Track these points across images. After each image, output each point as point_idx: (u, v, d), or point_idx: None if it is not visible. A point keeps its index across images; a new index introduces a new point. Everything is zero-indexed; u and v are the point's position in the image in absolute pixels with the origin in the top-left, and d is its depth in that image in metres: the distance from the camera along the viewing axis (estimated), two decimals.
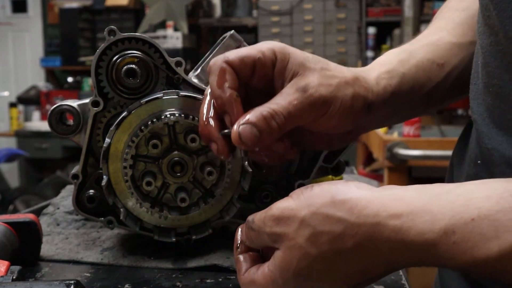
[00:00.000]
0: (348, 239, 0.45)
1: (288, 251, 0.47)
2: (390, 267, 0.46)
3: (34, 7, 5.79)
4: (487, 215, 0.41)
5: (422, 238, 0.42)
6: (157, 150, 0.70)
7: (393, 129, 2.84)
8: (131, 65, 0.71)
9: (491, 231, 0.41)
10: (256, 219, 0.50)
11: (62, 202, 0.99)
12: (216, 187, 0.73)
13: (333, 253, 0.45)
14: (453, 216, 0.42)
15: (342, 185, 0.48)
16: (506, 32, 0.51)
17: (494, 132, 0.56)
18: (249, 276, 0.51)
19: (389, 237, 0.44)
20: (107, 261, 0.73)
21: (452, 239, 0.42)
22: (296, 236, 0.47)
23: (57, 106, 0.76)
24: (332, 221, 0.45)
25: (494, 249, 0.40)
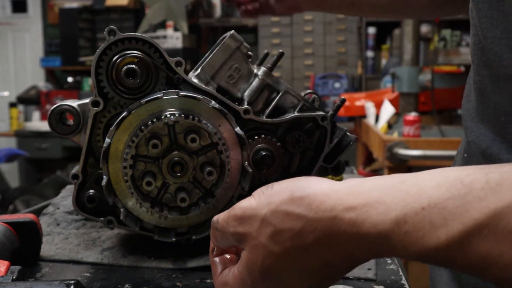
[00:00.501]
0: (308, 235, 0.45)
1: (253, 250, 0.48)
2: (352, 260, 0.46)
3: (34, 7, 5.79)
4: (437, 203, 0.41)
5: (375, 230, 0.43)
6: (157, 150, 0.70)
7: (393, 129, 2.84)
8: (131, 65, 0.71)
9: (439, 219, 0.41)
10: (220, 219, 0.51)
11: (62, 202, 0.99)
12: (216, 187, 0.73)
13: (296, 250, 0.46)
14: (405, 206, 0.43)
15: (301, 181, 0.48)
16: (483, 30, 0.56)
17: (476, 126, 0.60)
18: (222, 278, 0.52)
19: (345, 230, 0.44)
20: (107, 261, 0.73)
21: (404, 229, 0.42)
22: (259, 235, 0.47)
23: (57, 106, 0.76)
24: (291, 218, 0.46)
25: (442, 237, 0.41)
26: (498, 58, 0.55)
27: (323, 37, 4.76)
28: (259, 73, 0.77)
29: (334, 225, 0.44)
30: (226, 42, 0.76)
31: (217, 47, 0.76)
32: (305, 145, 0.78)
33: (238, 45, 0.76)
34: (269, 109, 0.77)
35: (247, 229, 0.48)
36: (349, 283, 0.66)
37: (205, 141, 0.72)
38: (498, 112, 0.58)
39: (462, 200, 0.41)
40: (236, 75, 0.77)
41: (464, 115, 0.66)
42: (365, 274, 0.68)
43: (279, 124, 0.77)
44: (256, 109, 0.77)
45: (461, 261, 0.41)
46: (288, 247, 0.46)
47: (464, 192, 0.41)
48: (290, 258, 0.47)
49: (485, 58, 0.58)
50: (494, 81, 0.57)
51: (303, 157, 0.80)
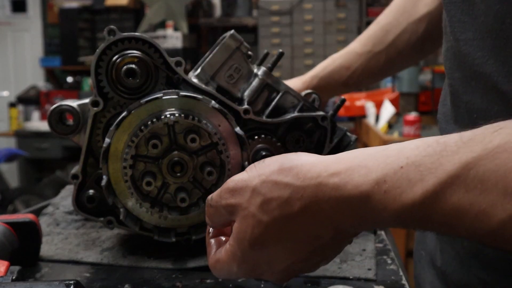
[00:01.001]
0: (295, 202, 0.47)
1: (243, 220, 0.49)
2: (337, 230, 0.47)
3: (34, 7, 5.78)
4: (414, 161, 0.43)
5: (357, 191, 0.44)
6: (157, 150, 0.70)
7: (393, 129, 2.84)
8: (131, 65, 0.71)
9: (416, 176, 0.42)
10: (214, 195, 0.53)
11: (62, 202, 0.99)
12: (216, 187, 0.73)
13: (283, 218, 0.47)
14: (385, 166, 0.44)
15: (291, 154, 0.50)
16: (455, 34, 0.61)
17: (451, 127, 0.65)
18: (215, 256, 0.54)
19: (330, 195, 0.45)
20: (107, 261, 0.73)
21: (383, 188, 0.43)
22: (249, 205, 0.49)
23: (57, 106, 0.76)
24: (280, 187, 0.47)
25: (418, 192, 0.42)
26: (470, 58, 0.59)
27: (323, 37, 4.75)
28: (259, 73, 0.77)
29: (319, 191, 0.46)
30: (226, 42, 0.76)
31: (217, 47, 0.76)
32: (305, 145, 0.78)
33: (238, 45, 0.76)
34: (269, 109, 0.77)
35: (238, 200, 0.50)
36: (349, 283, 0.65)
37: (205, 141, 0.71)
38: (470, 110, 0.61)
39: (437, 155, 0.42)
40: (236, 75, 0.77)
41: (440, 118, 0.70)
42: (365, 274, 0.68)
43: (279, 124, 0.77)
44: (256, 109, 0.77)
45: (437, 215, 0.42)
46: (276, 215, 0.47)
47: (439, 149, 0.43)
48: (278, 227, 0.48)
49: (457, 62, 0.62)
50: (466, 82, 0.61)
51: None
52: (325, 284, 0.66)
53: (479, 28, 0.58)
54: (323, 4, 4.71)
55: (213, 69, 0.76)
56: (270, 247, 0.49)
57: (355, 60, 1.00)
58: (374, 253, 0.75)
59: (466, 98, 0.62)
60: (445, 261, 0.70)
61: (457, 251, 0.68)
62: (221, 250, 0.53)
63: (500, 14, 0.54)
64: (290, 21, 4.73)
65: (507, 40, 0.54)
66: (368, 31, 1.01)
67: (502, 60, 0.56)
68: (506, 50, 0.55)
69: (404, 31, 0.95)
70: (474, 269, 0.64)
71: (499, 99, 0.57)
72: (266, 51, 0.91)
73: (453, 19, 0.62)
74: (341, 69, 1.00)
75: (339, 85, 1.01)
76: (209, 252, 0.56)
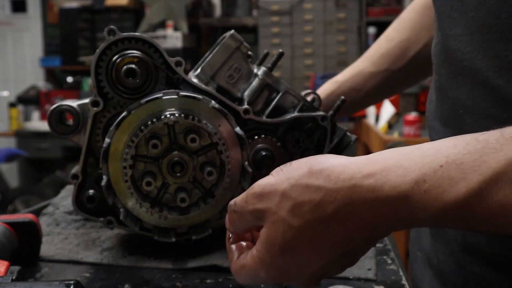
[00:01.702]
0: (328, 205, 0.46)
1: (272, 225, 0.48)
2: (370, 232, 0.46)
3: (34, 7, 5.78)
4: (454, 159, 0.43)
5: (395, 191, 0.44)
6: (157, 150, 0.70)
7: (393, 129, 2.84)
8: (131, 65, 0.71)
9: (458, 174, 0.42)
10: (238, 201, 0.51)
11: (62, 202, 0.99)
12: (216, 187, 0.73)
13: (315, 222, 0.46)
14: (423, 166, 0.44)
15: (319, 157, 0.49)
16: (444, 30, 0.61)
17: (439, 125, 0.65)
18: (239, 262, 0.52)
19: (365, 197, 0.45)
20: (107, 261, 0.73)
21: (423, 187, 0.43)
22: (279, 209, 0.47)
23: (56, 106, 0.76)
24: (311, 190, 0.46)
25: (462, 190, 0.41)
26: (459, 54, 0.59)
27: (323, 37, 4.75)
28: (259, 73, 0.77)
29: (353, 193, 0.45)
30: (226, 42, 0.76)
31: (217, 47, 0.76)
32: (305, 145, 0.78)
33: (238, 45, 0.76)
34: (269, 109, 0.77)
35: (267, 205, 0.48)
36: (349, 283, 0.65)
37: (205, 141, 0.71)
38: (456, 106, 0.61)
39: (479, 153, 0.42)
40: (236, 75, 0.77)
41: (428, 116, 0.71)
42: (365, 274, 0.68)
43: (279, 124, 0.77)
44: (256, 109, 0.77)
45: (481, 213, 0.41)
46: (308, 219, 0.46)
47: (480, 146, 0.42)
48: (310, 231, 0.47)
49: (443, 57, 0.63)
50: (452, 78, 0.62)
51: (303, 157, 0.79)
52: (325, 284, 0.66)
53: (468, 23, 0.58)
54: (323, 4, 4.71)
55: (213, 69, 0.76)
56: (301, 252, 0.48)
57: (368, 80, 0.94)
58: (374, 253, 0.75)
59: (452, 94, 0.62)
60: (441, 261, 0.71)
61: (452, 250, 0.68)
62: (245, 256, 0.52)
63: (495, 9, 0.55)
64: (290, 21, 4.73)
65: (501, 35, 0.55)
66: (379, 49, 0.95)
67: (492, 55, 0.56)
68: (499, 45, 0.55)
69: (425, 46, 0.90)
70: (471, 265, 0.65)
71: (487, 95, 0.57)
72: (266, 51, 0.91)
73: (442, 15, 0.62)
74: (351, 91, 0.94)
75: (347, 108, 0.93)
76: (231, 258, 0.54)
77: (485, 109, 0.58)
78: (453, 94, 0.62)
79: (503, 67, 0.55)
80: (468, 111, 0.60)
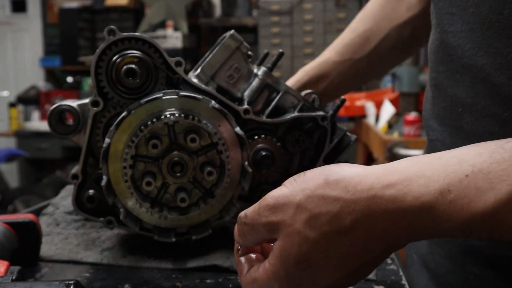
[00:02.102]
0: (345, 216, 0.44)
1: (287, 238, 0.46)
2: (388, 244, 0.45)
3: (34, 7, 5.78)
4: (481, 169, 0.41)
5: (418, 202, 0.42)
6: (157, 150, 0.70)
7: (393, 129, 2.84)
8: (131, 65, 0.71)
9: (486, 184, 0.41)
10: (249, 213, 0.49)
11: (62, 202, 0.99)
12: (216, 187, 0.73)
13: (333, 234, 0.45)
14: (447, 175, 0.42)
15: (334, 167, 0.48)
16: (443, 26, 0.61)
17: (436, 124, 0.65)
18: (250, 276, 0.50)
19: (386, 208, 0.43)
20: (106, 261, 0.73)
21: (448, 198, 0.41)
22: (294, 222, 0.46)
23: (56, 106, 0.76)
24: (328, 201, 0.45)
25: (490, 200, 0.40)
26: (460, 51, 0.58)
27: (323, 37, 4.75)
28: (259, 73, 0.77)
29: (373, 203, 0.43)
30: (226, 42, 0.76)
31: (217, 47, 0.76)
32: (305, 145, 0.77)
33: (238, 45, 0.76)
34: (269, 109, 0.77)
35: (281, 217, 0.47)
36: None
37: (205, 141, 0.71)
38: (455, 104, 0.61)
39: (507, 163, 0.41)
40: (236, 75, 0.76)
41: (424, 115, 0.70)
42: None
43: (279, 124, 0.77)
44: (256, 109, 0.77)
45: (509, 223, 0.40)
46: (325, 231, 0.45)
47: (507, 155, 0.41)
48: (327, 243, 0.45)
49: (441, 54, 0.62)
50: (450, 75, 0.61)
51: (303, 157, 0.79)
52: None
53: (467, 20, 0.57)
54: (323, 4, 4.71)
55: (213, 69, 0.76)
56: (317, 265, 0.46)
57: (332, 69, 0.95)
58: None
59: (451, 91, 0.61)
60: (438, 263, 0.70)
61: (449, 251, 0.68)
62: (257, 269, 0.50)
63: (498, 4, 0.54)
64: (290, 21, 4.73)
65: (503, 31, 0.54)
66: (343, 39, 0.96)
67: (493, 51, 0.55)
68: (501, 41, 0.54)
69: (387, 37, 0.92)
70: (469, 266, 0.64)
71: (487, 93, 0.57)
72: (266, 51, 0.91)
73: (441, 11, 0.61)
74: (318, 79, 0.95)
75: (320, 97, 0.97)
76: (240, 271, 0.52)
77: (485, 107, 0.57)
78: (451, 91, 0.61)
79: (504, 64, 0.54)
80: (468, 109, 0.59)
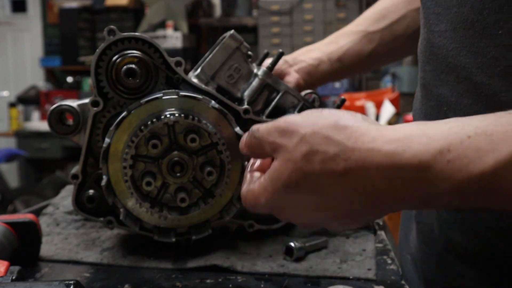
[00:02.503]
0: (340, 161, 0.45)
1: (283, 163, 0.49)
2: (376, 200, 0.46)
3: (34, 7, 5.78)
4: (485, 130, 0.41)
5: (416, 160, 0.42)
6: (157, 150, 0.70)
7: None
8: (131, 65, 0.71)
9: (487, 145, 0.40)
10: (261, 128, 0.52)
11: (62, 202, 0.99)
12: (216, 187, 0.73)
13: (323, 174, 0.46)
14: (449, 136, 0.42)
15: (349, 114, 0.49)
16: (430, 26, 0.62)
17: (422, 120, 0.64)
18: (248, 187, 0.53)
19: (381, 162, 0.44)
20: (106, 261, 0.73)
21: (447, 157, 0.41)
22: (294, 150, 0.48)
23: (56, 106, 0.76)
24: (329, 143, 0.46)
25: (490, 162, 0.40)
26: (444, 50, 0.59)
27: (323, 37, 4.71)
28: (259, 73, 0.77)
29: (369, 156, 0.44)
30: (226, 42, 0.76)
31: (217, 47, 0.76)
32: None
33: (238, 45, 0.76)
34: (269, 109, 0.77)
35: (285, 142, 0.49)
36: (349, 283, 0.65)
37: (205, 141, 0.71)
38: (440, 103, 0.61)
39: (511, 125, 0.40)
40: (236, 75, 0.76)
41: (414, 115, 0.71)
42: (365, 274, 0.68)
43: None
44: (256, 109, 0.77)
45: (507, 187, 0.40)
46: (317, 169, 0.46)
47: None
48: (316, 181, 0.47)
49: (428, 54, 0.63)
50: (436, 75, 0.62)
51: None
52: (325, 284, 0.66)
53: (451, 19, 0.58)
54: (323, 4, 4.71)
55: (213, 69, 0.76)
56: (302, 196, 0.48)
57: (346, 37, 0.97)
58: (374, 253, 0.75)
59: (437, 91, 0.62)
60: (425, 261, 0.71)
61: (435, 249, 0.68)
62: (255, 182, 0.53)
63: (478, 4, 0.54)
64: (290, 21, 4.73)
65: (483, 31, 0.54)
66: (364, 14, 0.99)
67: (475, 51, 0.56)
68: (482, 41, 0.55)
69: (403, 17, 0.93)
70: (451, 264, 0.65)
71: (470, 92, 0.57)
72: (266, 51, 0.91)
73: (428, 10, 0.62)
74: (329, 42, 0.98)
75: (330, 64, 0.96)
76: (243, 183, 0.56)
77: (468, 106, 0.58)
78: (437, 91, 0.62)
79: (485, 63, 0.55)
80: (452, 108, 0.60)
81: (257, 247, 0.77)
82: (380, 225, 0.86)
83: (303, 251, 0.73)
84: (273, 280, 0.68)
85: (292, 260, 0.72)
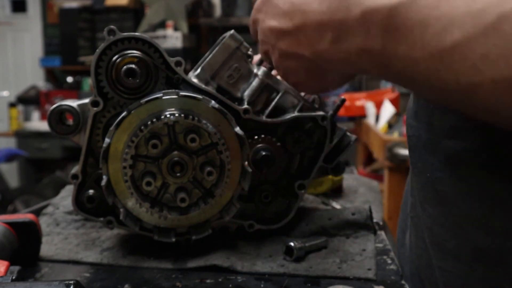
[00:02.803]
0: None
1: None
2: (342, 49, 0.50)
3: (34, 7, 5.78)
4: None
5: (389, 2, 0.43)
6: (157, 150, 0.70)
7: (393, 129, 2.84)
8: (131, 65, 0.71)
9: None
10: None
11: (62, 202, 0.99)
12: (216, 187, 0.73)
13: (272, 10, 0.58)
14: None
15: None
16: None
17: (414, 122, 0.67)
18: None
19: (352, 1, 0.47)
20: (106, 261, 0.73)
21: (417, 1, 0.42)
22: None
23: (56, 106, 0.76)
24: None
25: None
26: None
27: None
28: (259, 73, 0.77)
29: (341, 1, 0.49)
30: (226, 42, 0.76)
31: (217, 47, 0.76)
32: (305, 145, 0.77)
33: (238, 45, 0.76)
34: (269, 109, 0.77)
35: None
36: (349, 283, 0.65)
37: (205, 141, 0.71)
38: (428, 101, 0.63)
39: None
40: (236, 75, 0.76)
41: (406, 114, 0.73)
42: (365, 274, 0.68)
43: (279, 124, 0.77)
44: (256, 109, 0.77)
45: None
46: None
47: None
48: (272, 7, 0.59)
49: None
50: None
51: (303, 157, 0.80)
52: (325, 284, 0.66)
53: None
54: None
55: (213, 69, 0.76)
56: (263, 15, 0.62)
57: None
58: (374, 253, 0.75)
59: None
60: (415, 257, 0.71)
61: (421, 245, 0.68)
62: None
63: None
64: None
65: None
66: None
67: None
68: None
69: None
70: (436, 260, 0.65)
71: None
72: None
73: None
74: None
75: None
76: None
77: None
78: None
79: None
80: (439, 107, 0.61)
81: (257, 247, 0.77)
82: (380, 225, 0.86)
83: (303, 251, 0.73)
84: (273, 280, 0.68)
85: (292, 260, 0.72)
